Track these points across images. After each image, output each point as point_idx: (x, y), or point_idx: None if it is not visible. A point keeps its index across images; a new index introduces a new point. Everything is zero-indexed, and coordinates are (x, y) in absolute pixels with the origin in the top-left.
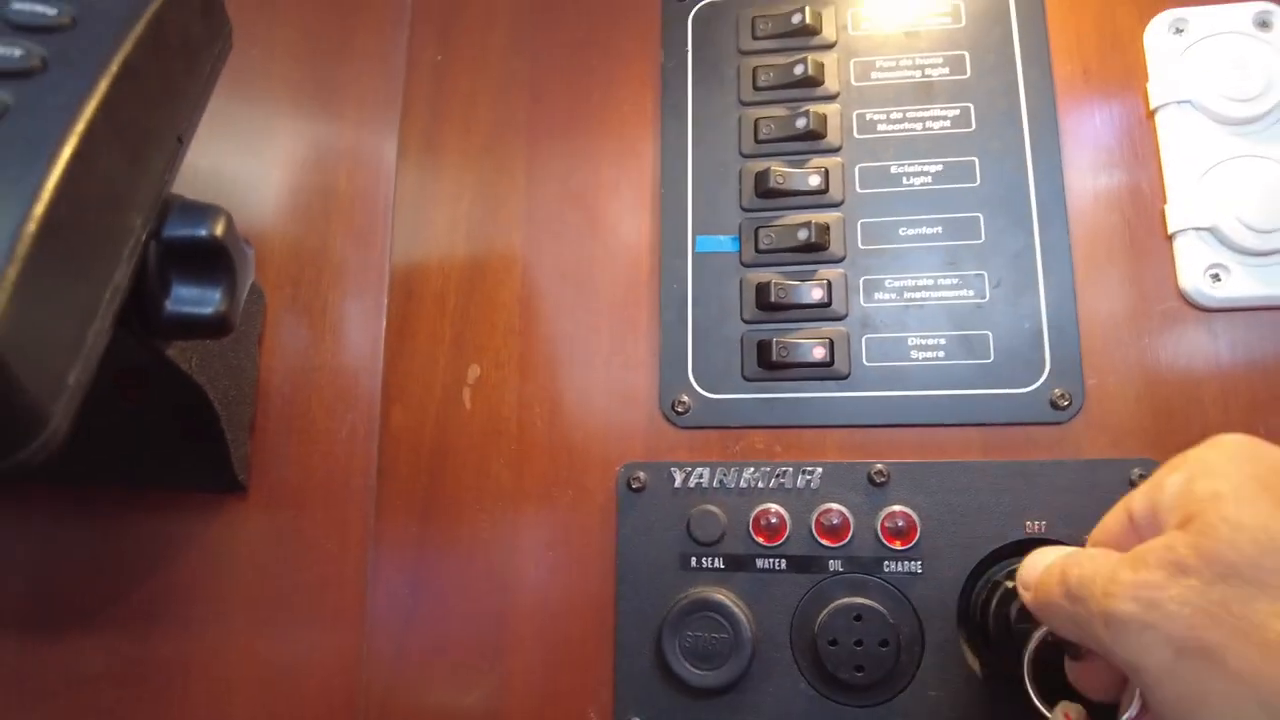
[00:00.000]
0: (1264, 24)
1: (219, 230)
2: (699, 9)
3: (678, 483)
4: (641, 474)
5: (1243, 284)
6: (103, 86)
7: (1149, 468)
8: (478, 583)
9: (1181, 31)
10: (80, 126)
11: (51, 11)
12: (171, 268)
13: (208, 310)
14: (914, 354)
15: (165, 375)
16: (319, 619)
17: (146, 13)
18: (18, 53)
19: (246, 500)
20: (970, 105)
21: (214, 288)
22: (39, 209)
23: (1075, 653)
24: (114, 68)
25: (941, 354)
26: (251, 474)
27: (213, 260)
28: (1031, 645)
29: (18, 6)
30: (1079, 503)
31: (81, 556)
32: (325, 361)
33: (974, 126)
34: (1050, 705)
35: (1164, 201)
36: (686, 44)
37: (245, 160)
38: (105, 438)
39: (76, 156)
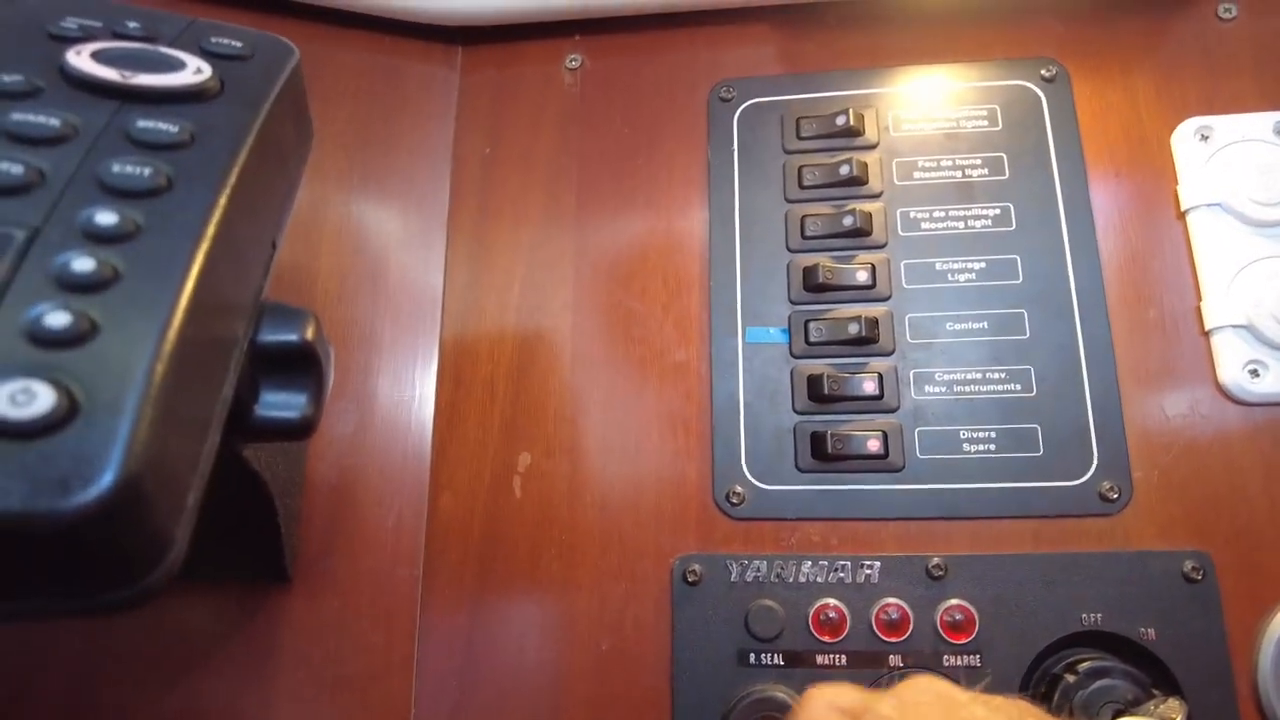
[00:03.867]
0: None
1: (310, 334)
2: (744, 109)
3: (734, 576)
4: (697, 567)
5: None
6: (222, 203)
7: (1201, 560)
8: (528, 675)
9: (1207, 138)
10: (206, 245)
11: (174, 129)
12: (261, 371)
13: (295, 415)
14: (966, 446)
15: (235, 473)
16: (365, 711)
17: (255, 126)
18: (148, 172)
19: (290, 591)
20: (1010, 205)
21: (301, 392)
22: (173, 331)
23: None
24: (230, 184)
25: (992, 447)
26: (297, 563)
27: (301, 364)
28: None
29: (143, 124)
30: (1132, 594)
31: (122, 650)
32: (373, 450)
33: (1014, 225)
34: None
35: (1199, 299)
36: (732, 143)
37: (292, 245)
38: None
39: (202, 274)
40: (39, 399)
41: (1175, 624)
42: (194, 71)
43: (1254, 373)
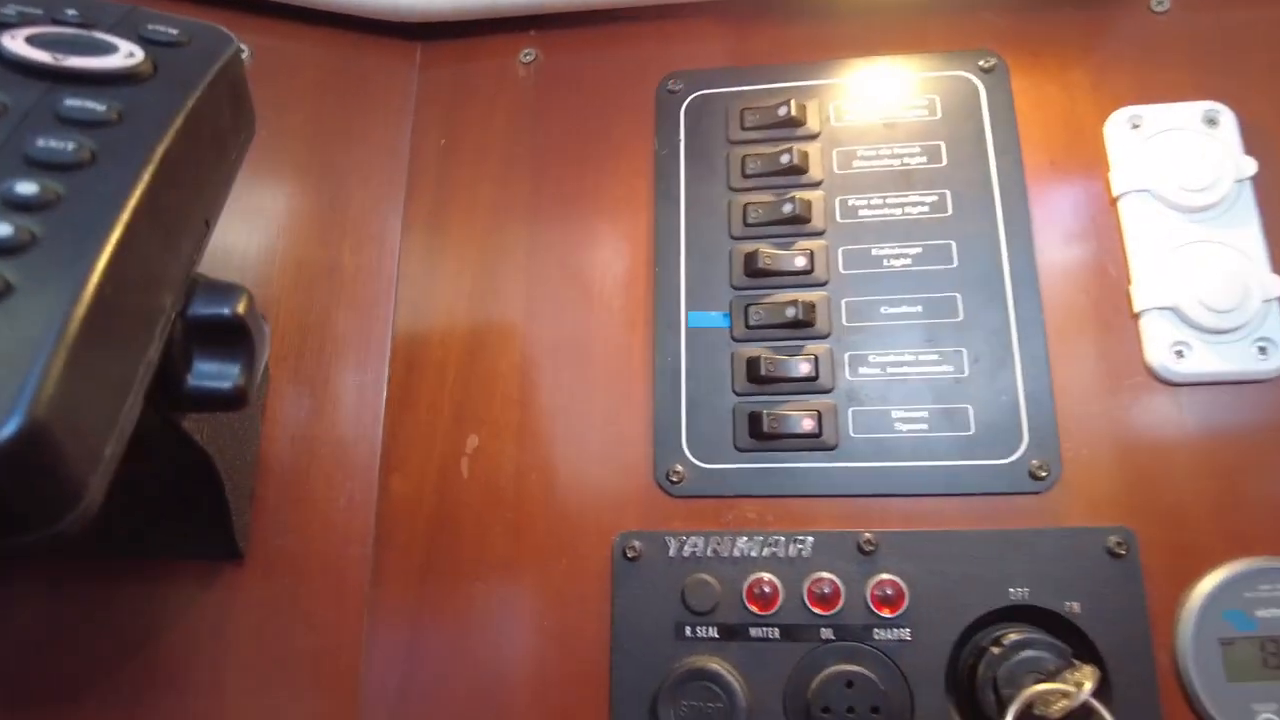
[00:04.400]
0: (1212, 121)
1: (241, 309)
2: (690, 100)
3: (672, 552)
4: (636, 543)
5: (1204, 360)
6: (145, 178)
7: (1125, 536)
8: (473, 651)
9: (1138, 126)
10: (125, 216)
11: (101, 108)
12: (194, 344)
13: (227, 385)
14: (898, 426)
15: (174, 445)
16: (315, 687)
17: (185, 107)
18: (71, 146)
19: (244, 568)
20: (947, 192)
21: (234, 364)
22: (87, 293)
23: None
24: (155, 160)
25: (925, 426)
26: (251, 542)
27: (234, 337)
28: (1014, 710)
29: (70, 103)
30: (1060, 570)
31: (78, 621)
32: (326, 432)
33: (950, 212)
34: None
35: (1129, 282)
36: (679, 133)
37: (252, 235)
38: (107, 507)
39: (120, 244)
40: None
41: (1099, 598)
42: (126, 55)
43: (1179, 353)
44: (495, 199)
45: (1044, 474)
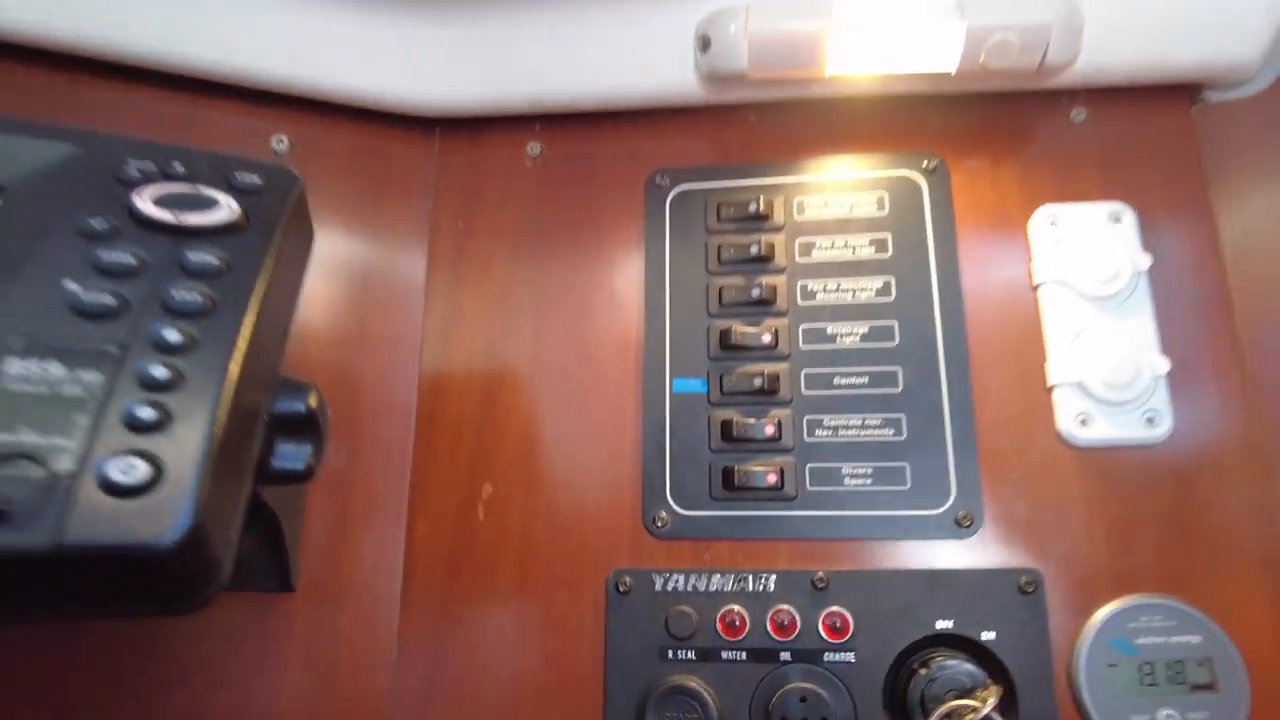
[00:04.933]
0: (1116, 219)
1: (313, 403)
2: (674, 195)
3: (657, 586)
4: (627, 578)
5: (1103, 428)
6: (252, 316)
7: (1033, 576)
8: (487, 668)
9: (1055, 224)
10: (242, 348)
11: (215, 261)
12: (276, 431)
13: (301, 465)
14: (847, 481)
15: (254, 508)
16: (350, 696)
17: (273, 249)
18: (198, 297)
19: (294, 597)
20: (892, 278)
21: (306, 445)
22: (223, 418)
23: None
24: (258, 300)
25: (869, 481)
26: (299, 577)
27: (306, 425)
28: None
29: (192, 258)
30: (979, 604)
31: (152, 646)
32: (360, 481)
33: (894, 296)
34: None
35: (1045, 359)
36: (665, 223)
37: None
38: None
39: (240, 373)
40: (137, 469)
41: (1011, 628)
42: (226, 209)
43: (1083, 422)
44: (505, 276)
45: (968, 523)
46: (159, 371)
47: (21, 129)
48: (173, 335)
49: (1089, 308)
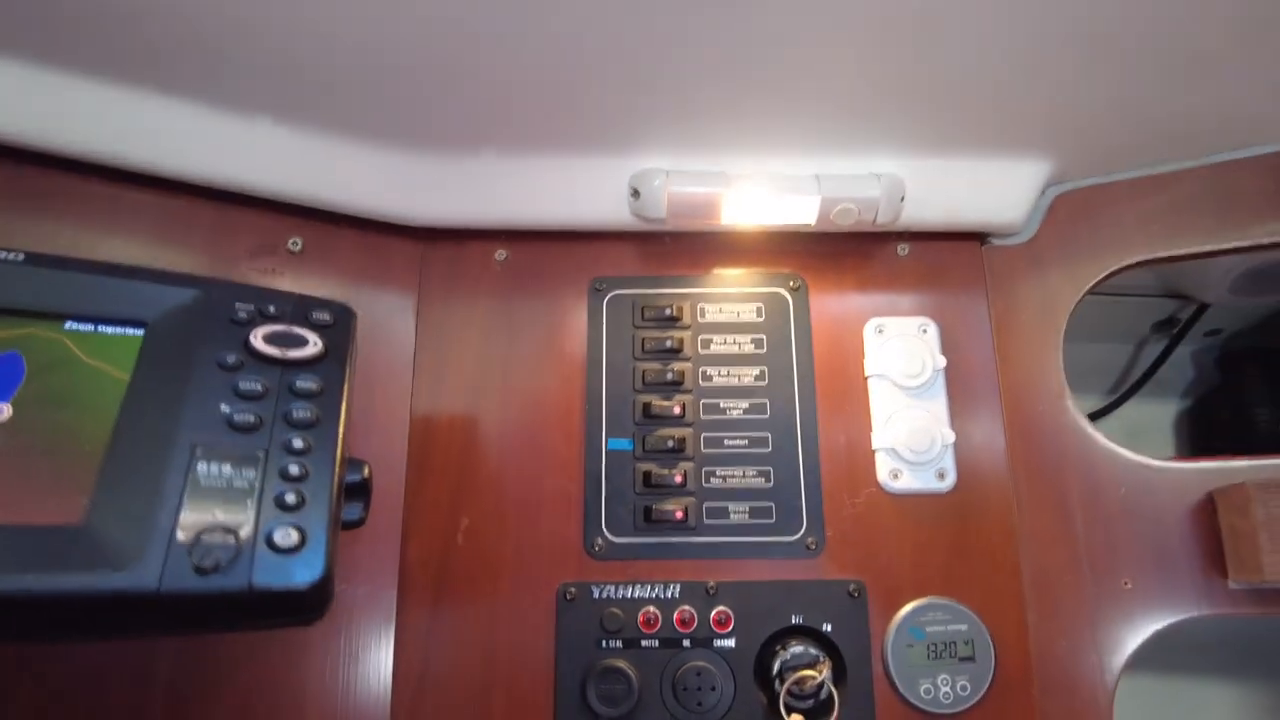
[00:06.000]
0: (924, 330)
1: (366, 474)
2: (610, 297)
3: (595, 595)
4: (572, 589)
5: (909, 481)
6: (342, 425)
7: (859, 585)
8: (468, 659)
9: (882, 331)
10: (339, 450)
11: (315, 387)
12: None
13: (357, 516)
14: (732, 516)
15: None
16: (362, 684)
17: (348, 370)
18: (310, 414)
19: None
20: (765, 368)
21: (359, 503)
22: (332, 498)
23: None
24: (344, 411)
25: (747, 516)
26: None
27: (361, 488)
28: (786, 685)
29: (300, 384)
30: (822, 604)
31: (204, 647)
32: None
33: (767, 381)
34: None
35: (870, 430)
36: (603, 318)
37: None
38: None
39: (339, 465)
40: (292, 536)
41: (843, 622)
42: (314, 345)
43: (895, 475)
44: (478, 353)
45: (814, 546)
46: (293, 468)
47: (157, 277)
48: (297, 442)
49: (901, 394)
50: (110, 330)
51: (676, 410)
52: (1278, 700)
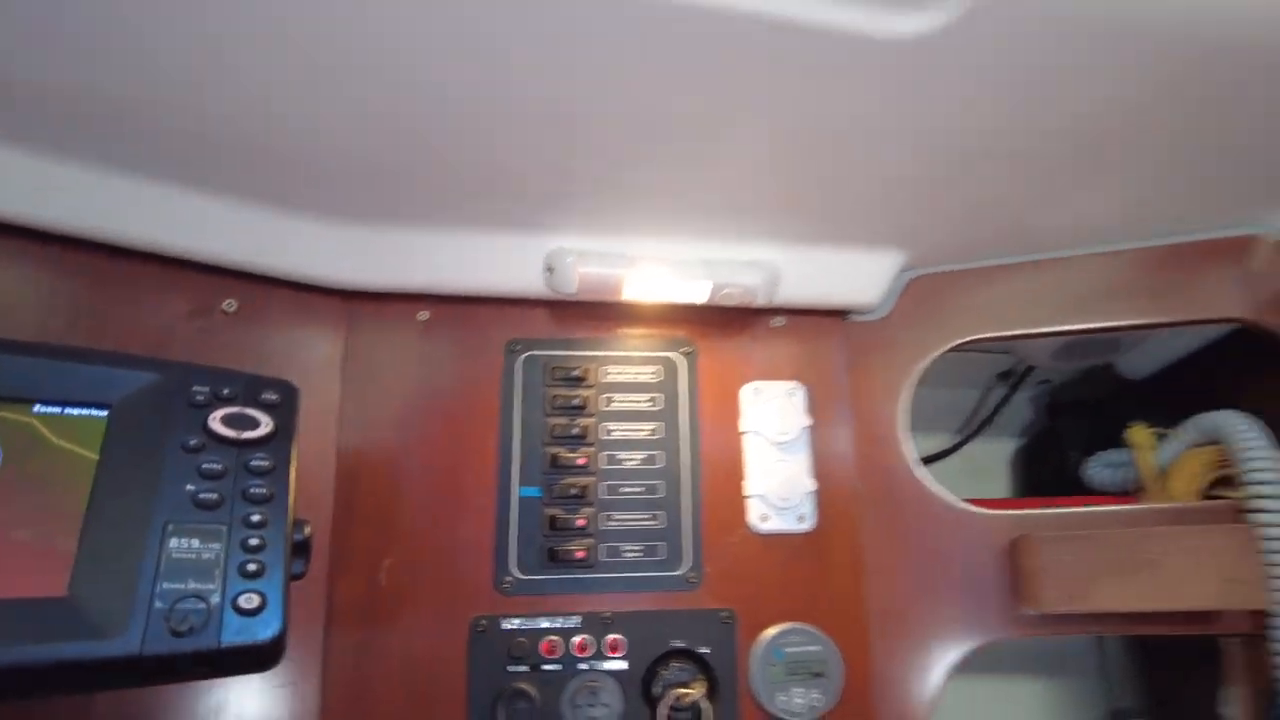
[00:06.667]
0: (792, 394)
1: (308, 533)
2: (524, 358)
3: (504, 626)
4: (484, 622)
5: (775, 523)
6: (292, 496)
7: (730, 613)
8: (390, 681)
9: (757, 393)
10: (291, 518)
11: (269, 464)
12: None
13: (299, 571)
14: (626, 555)
15: None
16: (302, 703)
17: (294, 445)
18: (265, 490)
19: None
20: (661, 423)
21: (303, 559)
22: (287, 563)
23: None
24: (293, 483)
25: (640, 555)
26: None
27: (302, 546)
28: (667, 702)
29: (254, 462)
30: (699, 630)
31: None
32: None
33: (661, 435)
34: None
35: (744, 479)
36: (517, 377)
37: None
38: None
39: (290, 534)
40: (254, 600)
41: (717, 644)
42: (265, 425)
43: (764, 519)
44: (401, 405)
45: (694, 580)
46: (252, 539)
47: (118, 360)
48: (255, 515)
49: (772, 449)
50: (76, 412)
51: (580, 461)
52: (1077, 694)
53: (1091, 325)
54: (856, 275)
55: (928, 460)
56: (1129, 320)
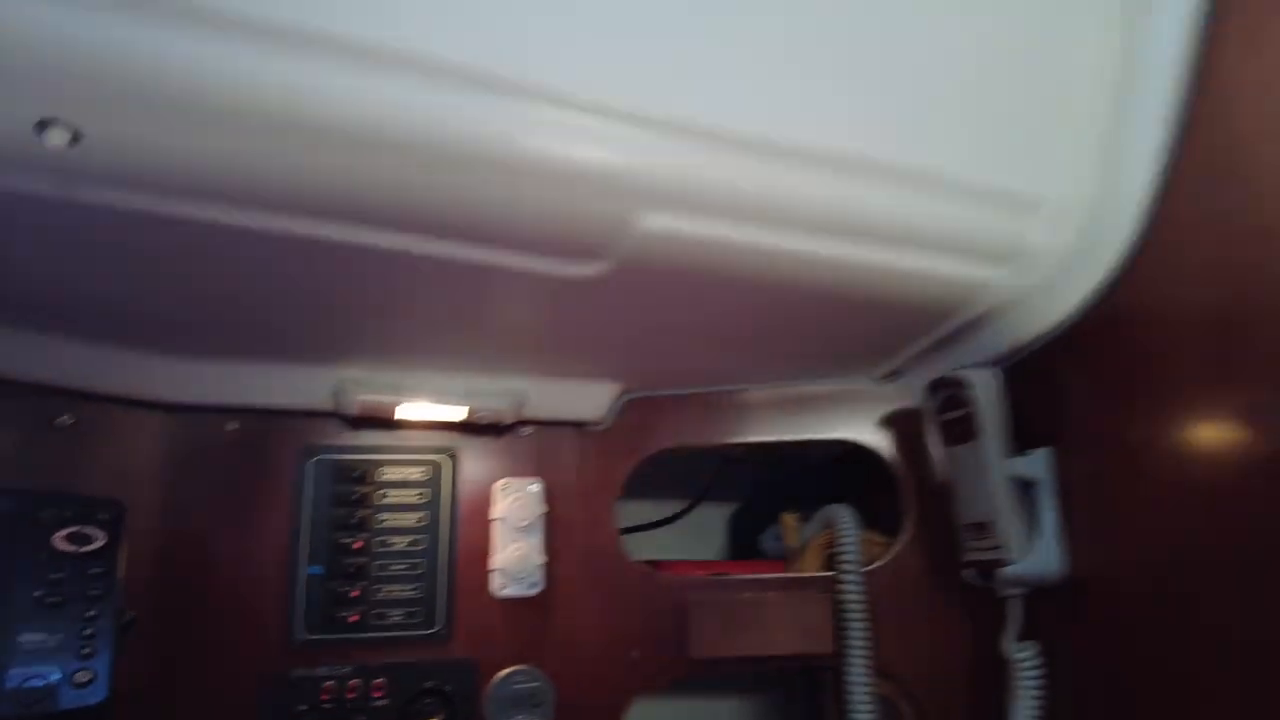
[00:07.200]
0: (534, 488)
1: (130, 619)
2: (315, 460)
3: (291, 676)
4: (274, 674)
5: (509, 589)
6: (120, 589)
7: (474, 662)
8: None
9: (506, 489)
10: (117, 607)
11: (101, 570)
12: None
13: (121, 650)
14: (391, 618)
15: None
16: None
17: (122, 552)
18: (99, 591)
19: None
20: (427, 513)
21: (124, 639)
22: (114, 645)
23: None
24: (120, 586)
25: (402, 618)
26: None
27: (128, 626)
28: None
29: (92, 571)
30: (448, 674)
31: None
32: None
33: (428, 524)
34: None
35: (491, 556)
36: (308, 476)
37: None
38: None
39: (118, 620)
40: (88, 674)
41: (462, 683)
42: (100, 539)
43: (503, 587)
44: (211, 503)
45: (446, 635)
46: (88, 631)
47: None
48: (90, 611)
49: (514, 532)
50: None
51: (356, 545)
52: (769, 709)
53: (752, 440)
54: (586, 398)
55: (655, 525)
56: (777, 437)
